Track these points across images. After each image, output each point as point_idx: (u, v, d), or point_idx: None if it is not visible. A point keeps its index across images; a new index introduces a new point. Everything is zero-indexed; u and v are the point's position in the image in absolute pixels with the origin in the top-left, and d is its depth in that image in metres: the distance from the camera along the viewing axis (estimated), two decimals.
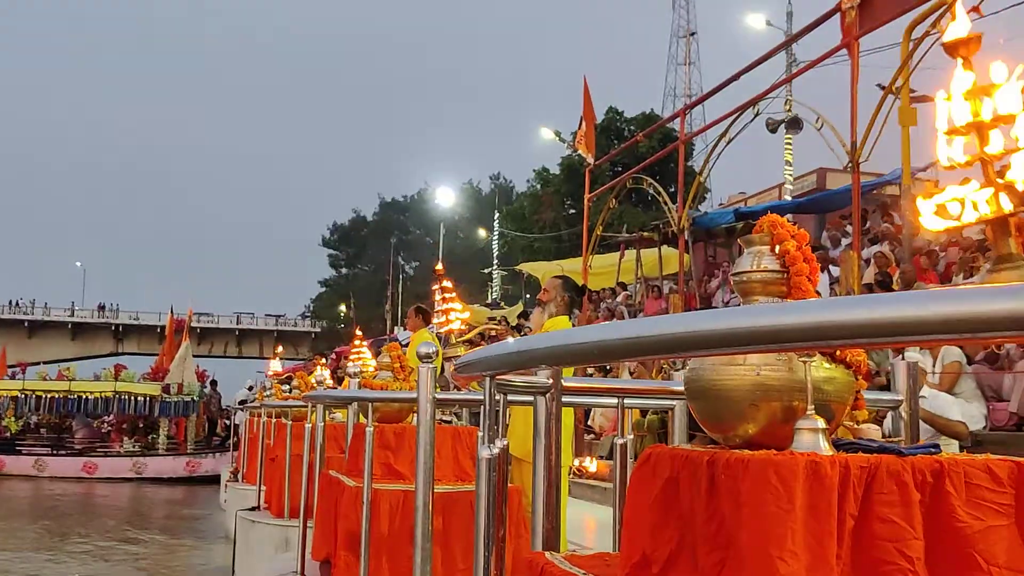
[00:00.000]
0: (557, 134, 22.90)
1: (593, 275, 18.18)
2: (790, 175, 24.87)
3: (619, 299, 19.62)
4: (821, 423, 1.76)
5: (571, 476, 9.98)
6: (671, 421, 3.51)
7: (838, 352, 1.85)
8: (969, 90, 2.25)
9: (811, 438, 1.75)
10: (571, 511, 6.87)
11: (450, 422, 6.06)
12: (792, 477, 1.63)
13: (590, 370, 13.01)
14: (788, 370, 1.82)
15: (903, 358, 3.16)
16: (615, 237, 21.37)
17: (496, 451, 2.04)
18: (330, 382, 11.07)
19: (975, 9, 7.01)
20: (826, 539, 1.63)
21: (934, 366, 7.34)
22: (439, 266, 6.95)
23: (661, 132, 28.05)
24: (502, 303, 33.35)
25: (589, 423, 12.71)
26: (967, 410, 7.13)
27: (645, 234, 19.95)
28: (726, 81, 10.72)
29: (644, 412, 10.57)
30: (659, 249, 19.24)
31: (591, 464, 10.89)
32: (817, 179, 24.26)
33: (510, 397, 3.36)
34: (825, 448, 1.75)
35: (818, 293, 2.10)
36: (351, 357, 7.45)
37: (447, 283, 5.87)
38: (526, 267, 29.74)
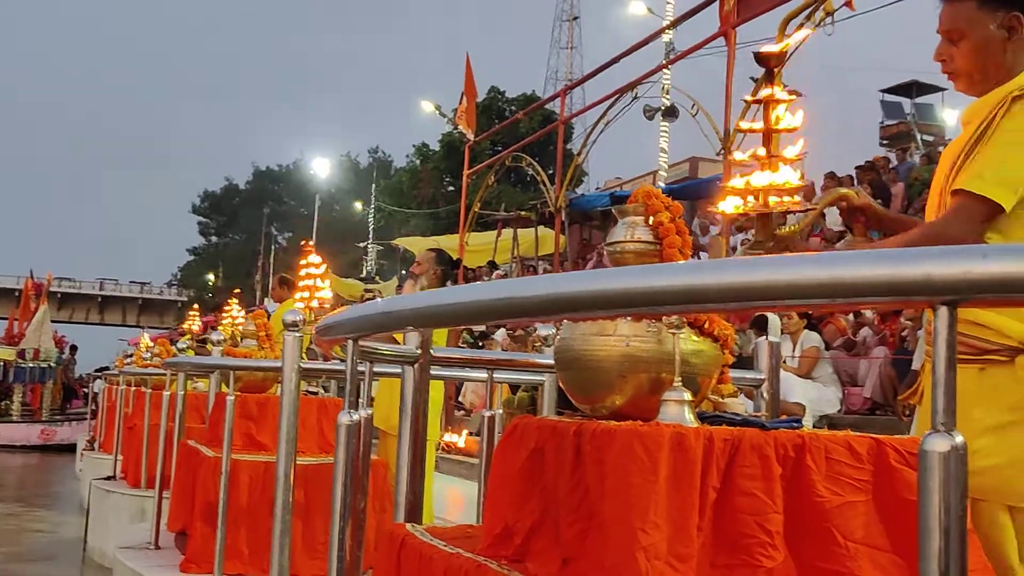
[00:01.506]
0: (437, 108, 22.75)
1: (469, 252, 18.16)
2: (665, 162, 25.33)
3: (493, 277, 19.67)
4: (687, 395, 1.75)
5: (440, 451, 9.95)
6: (540, 397, 3.50)
7: (706, 325, 1.84)
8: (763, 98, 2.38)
9: (677, 410, 1.74)
10: (439, 486, 6.84)
11: (316, 393, 5.93)
12: (657, 448, 1.61)
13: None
14: (657, 342, 1.80)
15: (767, 340, 3.21)
16: (493, 215, 21.40)
17: (356, 418, 1.96)
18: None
19: (847, 4, 7.19)
20: (688, 511, 1.62)
21: (793, 351, 7.56)
22: (308, 241, 6.74)
23: (542, 114, 28.17)
24: (377, 277, 33.04)
25: (460, 399, 12.70)
26: (823, 394, 7.39)
27: (523, 213, 20.04)
28: (604, 65, 10.78)
29: (515, 390, 10.61)
30: (536, 229, 19.35)
31: (460, 440, 10.88)
32: (690, 167, 24.79)
33: (378, 368, 3.30)
34: (690, 420, 1.74)
35: None
36: (224, 321, 7.21)
37: (314, 258, 5.72)
38: (402, 242, 29.52)
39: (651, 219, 1.91)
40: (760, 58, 2.43)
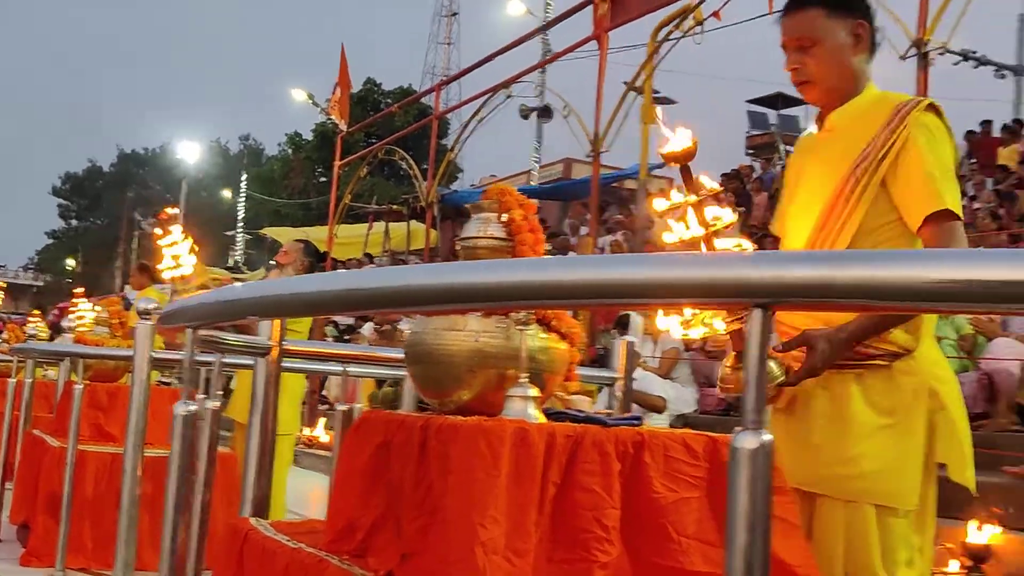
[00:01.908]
0: (310, 97, 22.36)
1: (339, 244, 17.95)
2: (537, 162, 25.54)
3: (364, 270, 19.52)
4: (533, 391, 1.77)
5: (301, 446, 9.81)
6: (403, 391, 3.49)
7: (553, 322, 1.86)
8: None
9: (521, 405, 1.76)
10: (299, 481, 6.73)
11: (170, 384, 5.77)
12: (500, 443, 1.63)
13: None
14: (505, 338, 1.82)
15: (621, 339, 3.28)
16: (364, 208, 21.19)
17: (194, 409, 1.92)
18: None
19: (715, 15, 7.40)
20: (527, 506, 1.64)
21: (654, 351, 7.73)
22: (169, 208, 6.43)
23: (419, 109, 28.06)
24: (244, 267, 32.33)
25: (324, 393, 12.54)
26: (681, 394, 7.57)
27: (395, 207, 19.91)
28: (479, 62, 10.80)
29: (380, 384, 10.53)
30: (408, 223, 19.26)
31: (323, 434, 10.75)
32: (563, 168, 25.04)
33: (237, 360, 3.22)
34: (534, 416, 1.76)
35: None
36: (71, 312, 6.93)
37: (176, 226, 5.47)
38: (271, 232, 28.93)
39: (504, 216, 1.92)
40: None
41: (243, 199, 43.81)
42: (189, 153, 51.37)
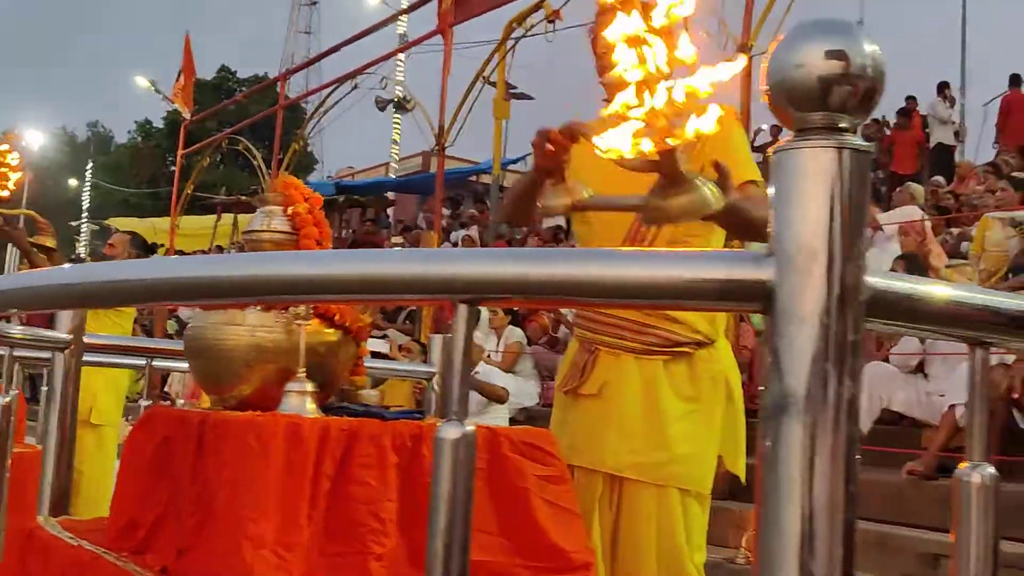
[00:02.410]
0: (153, 84, 21.65)
1: (187, 236, 17.49)
2: (396, 154, 25.43)
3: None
4: (309, 386, 1.78)
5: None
6: None
7: (336, 317, 1.87)
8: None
9: (298, 400, 1.76)
10: None
11: None
12: (271, 438, 1.62)
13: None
14: (285, 332, 1.81)
15: (440, 335, 3.30)
16: (213, 199, 20.67)
17: None
18: None
19: (555, 15, 7.51)
20: (299, 500, 1.64)
21: (498, 345, 7.81)
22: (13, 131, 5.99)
23: (274, 97, 27.49)
24: (89, 259, 31.12)
25: (167, 389, 12.19)
26: (524, 387, 7.67)
27: (244, 198, 19.46)
28: (328, 51, 10.71)
29: None
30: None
31: None
32: (422, 161, 25.00)
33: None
34: (311, 411, 1.76)
35: None
36: None
37: (10, 147, 5.17)
38: (117, 222, 27.86)
39: (290, 210, 1.91)
40: None
41: (89, 188, 42.13)
42: (33, 140, 49.03)
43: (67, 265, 3.86)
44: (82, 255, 34.53)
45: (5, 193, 5.03)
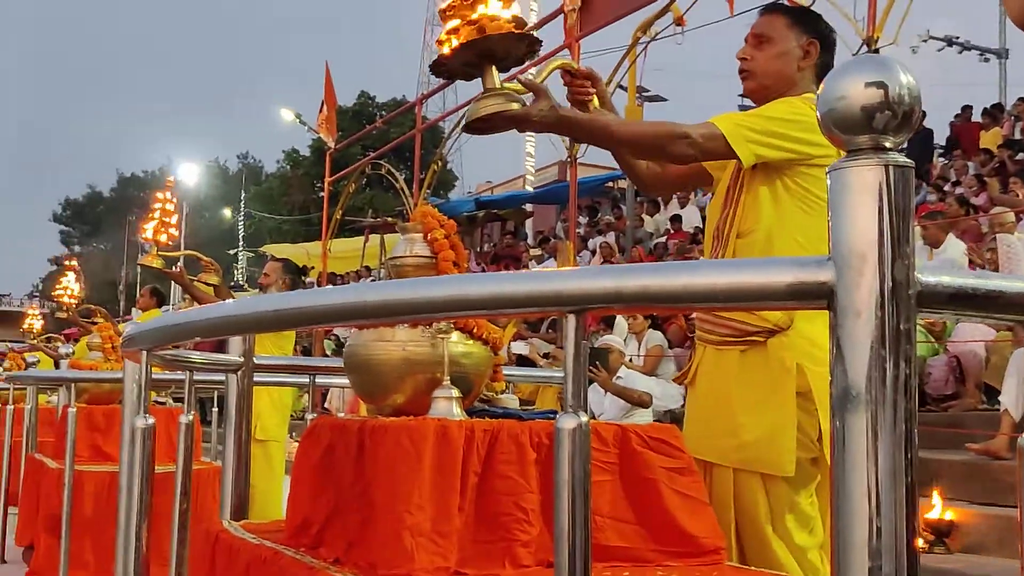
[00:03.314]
0: (298, 116, 22.64)
1: (337, 258, 18.18)
2: (532, 167, 25.77)
3: (364, 282, 19.76)
4: (455, 392, 1.97)
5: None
6: None
7: (475, 329, 2.06)
8: None
9: (445, 405, 1.96)
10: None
11: (164, 403, 5.99)
12: (422, 440, 1.83)
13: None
14: (431, 346, 2.02)
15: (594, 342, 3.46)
16: (360, 222, 21.45)
17: (151, 423, 2.13)
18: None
19: (680, 21, 7.60)
20: (450, 494, 1.84)
21: (638, 349, 7.93)
22: (171, 180, 6.75)
23: (413, 118, 28.30)
24: (246, 285, 32.61)
25: (327, 405, 12.76)
26: (667, 390, 7.76)
27: (389, 219, 20.13)
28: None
29: None
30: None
31: None
32: (558, 171, 25.28)
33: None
34: (457, 414, 1.96)
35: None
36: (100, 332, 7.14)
37: (171, 196, 5.80)
38: (272, 249, 29.21)
39: (428, 235, 2.12)
40: None
41: (243, 217, 44.13)
42: (188, 174, 51.70)
43: (230, 300, 4.20)
44: (240, 282, 36.21)
45: (164, 238, 5.54)
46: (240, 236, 43.44)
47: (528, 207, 21.78)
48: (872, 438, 0.95)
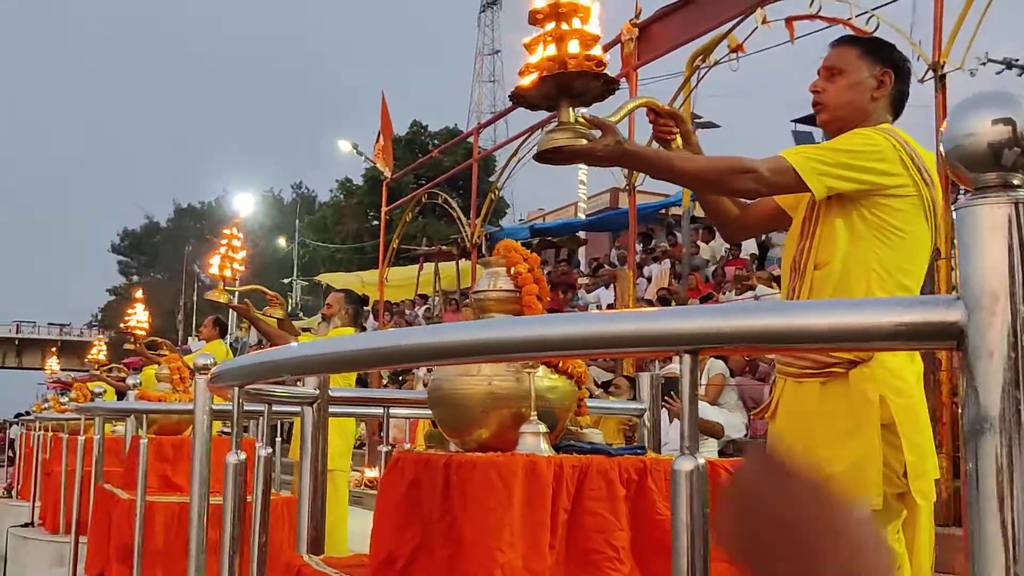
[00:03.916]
0: (355, 147, 22.90)
1: (393, 287, 18.28)
2: (584, 194, 25.77)
3: (420, 310, 19.82)
4: (542, 427, 1.97)
5: (363, 486, 10.04)
6: None
7: (560, 364, 2.06)
8: None
9: (533, 441, 1.95)
10: (360, 521, 6.94)
11: (229, 434, 6.04)
12: (512, 475, 1.82)
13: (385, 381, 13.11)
14: (516, 380, 2.01)
15: (649, 372, 3.45)
16: (415, 250, 21.56)
17: (243, 458, 2.15)
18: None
19: (739, 47, 7.58)
20: (541, 530, 1.83)
21: (701, 378, 7.85)
22: (237, 219, 6.99)
23: (466, 147, 28.51)
24: (301, 313, 32.91)
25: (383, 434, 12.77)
26: (730, 419, 7.67)
27: (444, 248, 20.24)
28: (515, 105, 11.05)
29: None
30: (457, 263, 19.56)
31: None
32: (610, 198, 25.25)
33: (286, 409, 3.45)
34: (545, 449, 1.95)
35: (556, 310, 2.32)
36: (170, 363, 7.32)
37: (237, 231, 5.94)
38: (326, 278, 29.48)
39: (511, 270, 2.13)
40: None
41: (297, 246, 44.62)
42: (244, 204, 52.45)
43: (323, 339, 4.21)
44: (295, 311, 36.56)
45: (229, 273, 5.65)
46: (295, 265, 43.89)
47: (581, 235, 21.75)
48: (1008, 479, 0.93)
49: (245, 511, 2.29)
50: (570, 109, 2.23)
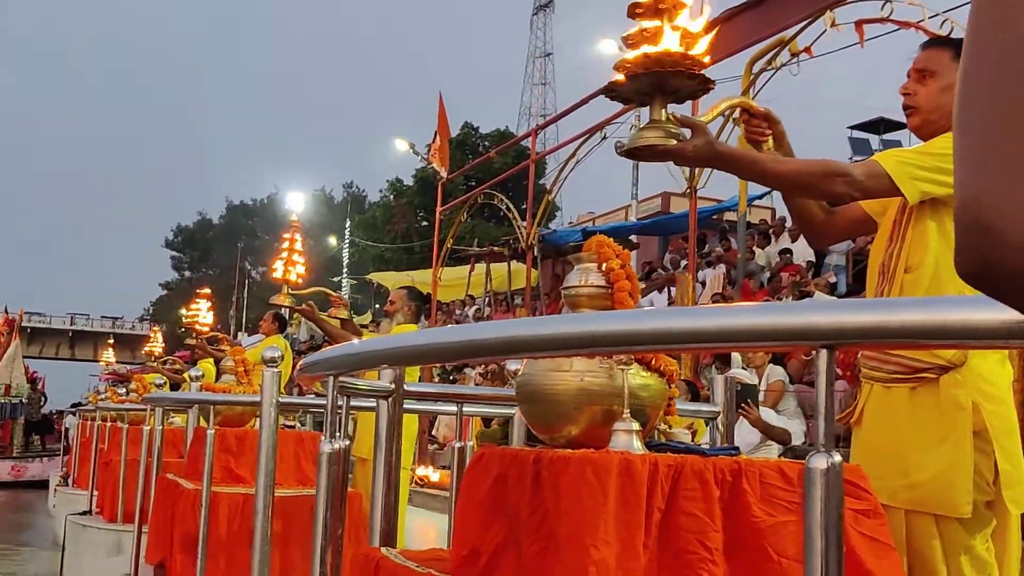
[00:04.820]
0: (411, 147, 23.01)
1: (443, 287, 18.31)
2: (635, 198, 25.66)
3: (469, 310, 19.86)
4: (635, 425, 1.94)
5: (413, 485, 10.06)
6: (512, 429, 3.68)
7: (653, 361, 2.03)
8: None
9: (626, 439, 1.93)
10: (412, 519, 6.96)
11: (293, 427, 6.08)
12: (606, 473, 1.80)
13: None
14: (608, 377, 1.99)
15: (724, 375, 3.40)
16: (466, 251, 21.61)
17: (338, 447, 2.15)
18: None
19: (807, 51, 7.49)
20: (635, 529, 1.80)
21: (759, 384, 7.76)
22: (295, 221, 7.07)
23: (516, 149, 28.56)
24: (351, 312, 33.14)
25: (433, 433, 12.82)
26: (789, 426, 7.57)
27: (496, 249, 20.26)
28: (575, 105, 11.05)
29: (487, 423, 10.75)
30: (508, 264, 19.57)
31: (433, 473, 10.99)
32: (662, 203, 25.12)
33: (355, 402, 3.46)
34: (638, 448, 1.92)
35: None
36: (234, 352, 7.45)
37: (298, 235, 6.04)
38: (376, 277, 29.68)
39: (603, 266, 2.10)
40: None
41: (347, 245, 44.95)
42: (295, 203, 52.91)
43: (420, 331, 4.22)
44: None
45: (293, 276, 5.72)
46: (344, 263, 44.22)
47: (634, 238, 21.68)
48: None
49: (336, 502, 2.28)
50: (663, 107, 2.20)
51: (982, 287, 0.48)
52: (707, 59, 2.05)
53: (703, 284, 13.69)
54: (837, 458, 1.08)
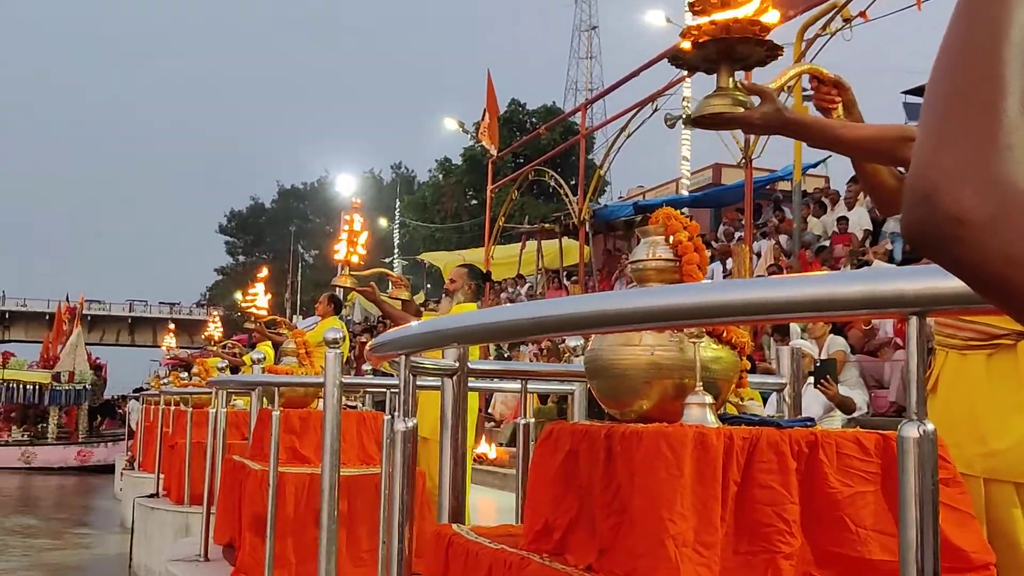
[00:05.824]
0: (461, 125, 23.00)
1: (495, 265, 18.33)
2: (687, 170, 25.40)
3: (522, 289, 19.86)
4: (708, 398, 1.93)
5: (473, 462, 10.12)
6: (571, 404, 3.68)
7: (724, 334, 2.01)
8: None
9: (699, 412, 1.91)
10: (472, 497, 7.00)
11: (355, 407, 6.14)
12: (681, 447, 1.79)
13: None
14: (679, 350, 1.98)
15: (790, 346, 3.37)
16: (517, 228, 21.58)
17: (411, 425, 2.16)
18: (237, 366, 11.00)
19: (862, 15, 7.35)
20: (711, 503, 1.79)
21: (819, 354, 7.67)
22: (357, 202, 7.19)
23: (563, 125, 28.44)
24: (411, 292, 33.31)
25: (490, 411, 12.88)
26: (851, 396, 7.49)
27: (546, 226, 20.21)
28: (625, 78, 10.97)
29: (544, 400, 10.77)
30: (560, 241, 19.52)
31: (491, 451, 11.05)
32: (713, 174, 24.88)
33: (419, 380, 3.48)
34: (712, 421, 1.91)
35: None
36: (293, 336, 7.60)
37: (358, 217, 6.11)
38: (428, 257, 29.77)
39: (671, 238, 2.09)
40: None
41: (398, 226, 45.12)
42: (345, 185, 53.21)
43: (495, 307, 4.23)
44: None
45: (356, 259, 5.76)
46: (395, 244, 44.43)
47: (685, 211, 21.52)
48: None
49: (410, 480, 2.30)
50: (730, 74, 2.17)
51: (921, 250, 0.55)
52: (775, 24, 2.01)
53: (758, 255, 13.55)
54: (930, 426, 1.06)
